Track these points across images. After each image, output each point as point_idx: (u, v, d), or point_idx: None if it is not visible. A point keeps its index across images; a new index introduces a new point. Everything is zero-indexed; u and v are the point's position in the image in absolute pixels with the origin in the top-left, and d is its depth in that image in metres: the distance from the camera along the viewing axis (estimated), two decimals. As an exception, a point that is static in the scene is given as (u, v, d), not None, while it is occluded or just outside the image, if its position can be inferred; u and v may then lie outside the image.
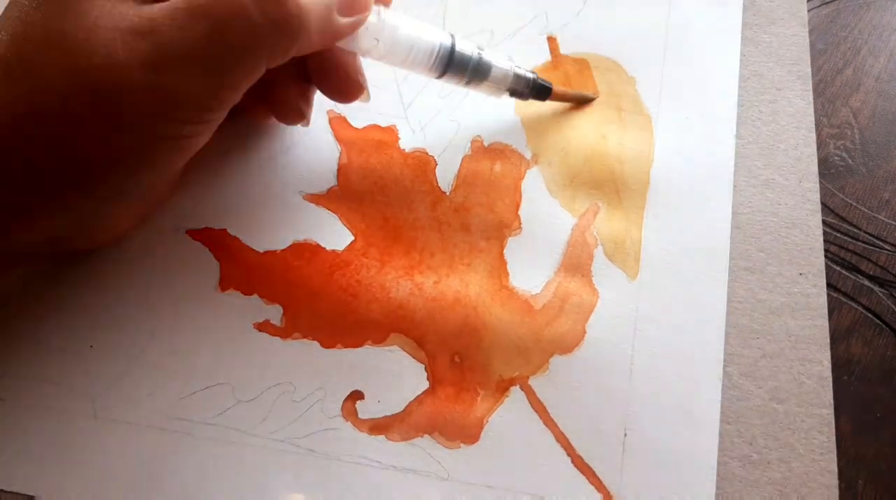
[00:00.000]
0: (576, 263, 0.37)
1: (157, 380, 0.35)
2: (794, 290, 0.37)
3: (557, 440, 0.34)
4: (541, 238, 0.37)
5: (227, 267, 0.37)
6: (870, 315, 0.39)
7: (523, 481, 0.33)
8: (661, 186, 0.39)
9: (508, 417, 0.34)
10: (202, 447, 0.34)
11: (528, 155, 0.39)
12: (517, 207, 0.38)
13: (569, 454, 0.34)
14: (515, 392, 0.35)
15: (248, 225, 0.38)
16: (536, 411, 0.34)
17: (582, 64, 0.42)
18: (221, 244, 0.38)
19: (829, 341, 0.36)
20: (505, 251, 0.37)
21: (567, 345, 0.35)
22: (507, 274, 0.37)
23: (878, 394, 0.37)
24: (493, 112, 0.41)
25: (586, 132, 0.40)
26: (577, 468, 0.33)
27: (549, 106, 0.40)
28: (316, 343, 0.36)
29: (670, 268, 0.37)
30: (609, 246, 0.37)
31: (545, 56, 0.42)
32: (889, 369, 0.37)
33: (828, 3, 0.47)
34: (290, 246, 0.37)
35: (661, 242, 0.37)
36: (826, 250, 0.37)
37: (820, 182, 0.40)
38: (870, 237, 0.40)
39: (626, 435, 0.34)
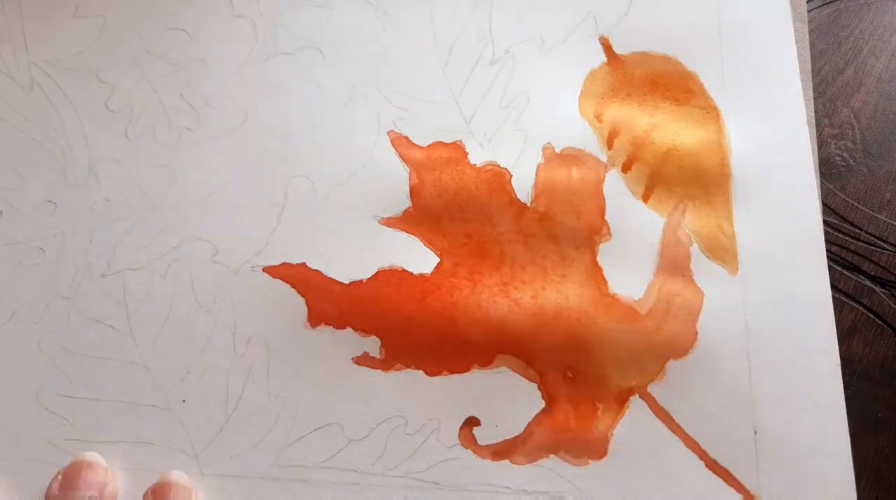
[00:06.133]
0: (673, 263, 0.37)
1: (261, 427, 0.34)
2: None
3: (688, 446, 0.33)
4: (632, 242, 0.37)
5: (313, 302, 0.36)
6: (871, 315, 0.39)
7: (660, 491, 0.33)
8: (743, 177, 0.39)
9: (633, 428, 0.34)
10: (321, 492, 0.33)
11: (603, 158, 0.39)
12: (603, 212, 0.38)
13: (702, 459, 0.33)
14: (636, 402, 0.34)
15: (327, 256, 0.37)
16: (661, 420, 0.34)
17: (641, 61, 0.42)
18: (303, 279, 0.37)
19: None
20: (598, 258, 0.37)
21: (681, 348, 0.35)
22: (605, 281, 0.36)
23: (879, 394, 0.38)
24: (559, 118, 0.40)
25: (659, 130, 0.40)
26: (714, 472, 0.33)
27: (617, 106, 0.40)
28: (420, 372, 0.35)
29: (769, 259, 0.37)
30: (704, 243, 0.37)
31: (601, 58, 0.42)
32: (890, 370, 0.38)
33: (829, 3, 0.48)
34: (376, 274, 0.37)
35: (755, 234, 0.37)
36: (827, 251, 0.37)
37: (821, 182, 0.40)
38: (871, 237, 0.41)
39: (755, 433, 0.34)
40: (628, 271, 0.37)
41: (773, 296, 0.36)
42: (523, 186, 0.39)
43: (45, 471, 0.34)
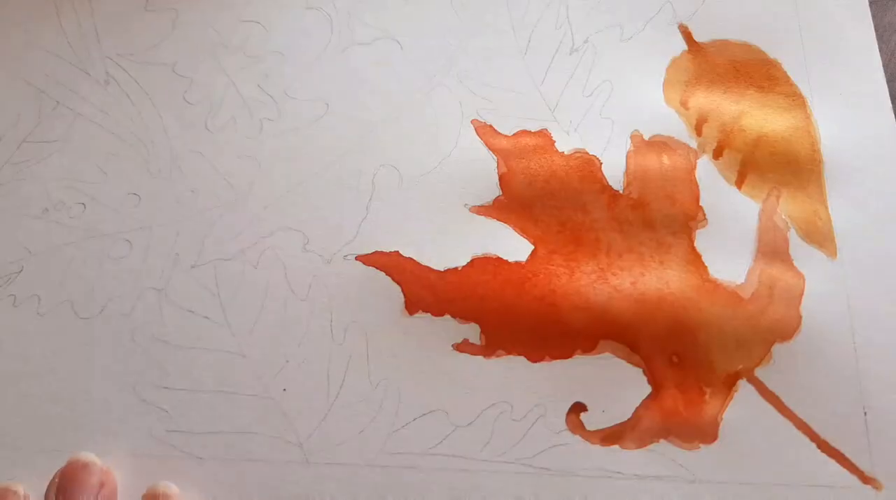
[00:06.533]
0: (772, 248, 0.37)
1: (365, 415, 0.34)
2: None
3: (798, 429, 0.33)
4: (729, 227, 0.37)
5: (409, 289, 0.36)
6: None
7: (773, 473, 0.33)
8: (835, 162, 0.39)
9: (743, 412, 0.34)
10: (431, 478, 0.33)
11: (692, 145, 0.39)
12: (697, 198, 0.38)
13: (813, 441, 0.33)
14: (744, 386, 0.34)
15: (419, 244, 0.37)
16: (770, 403, 0.34)
17: (722, 49, 0.42)
18: (398, 267, 0.36)
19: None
20: (695, 244, 0.36)
21: (786, 332, 0.35)
22: (704, 267, 0.36)
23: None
24: (645, 106, 0.40)
25: (747, 117, 0.40)
26: (826, 454, 0.33)
27: (702, 93, 0.40)
28: (522, 358, 0.35)
29: (867, 242, 0.37)
30: (801, 227, 0.37)
31: (681, 46, 0.42)
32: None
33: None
34: (471, 261, 0.37)
35: (851, 218, 0.38)
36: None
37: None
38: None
39: (865, 414, 0.33)
40: (728, 256, 0.37)
41: (873, 277, 0.36)
42: (614, 173, 0.39)
43: (148, 464, 0.34)
